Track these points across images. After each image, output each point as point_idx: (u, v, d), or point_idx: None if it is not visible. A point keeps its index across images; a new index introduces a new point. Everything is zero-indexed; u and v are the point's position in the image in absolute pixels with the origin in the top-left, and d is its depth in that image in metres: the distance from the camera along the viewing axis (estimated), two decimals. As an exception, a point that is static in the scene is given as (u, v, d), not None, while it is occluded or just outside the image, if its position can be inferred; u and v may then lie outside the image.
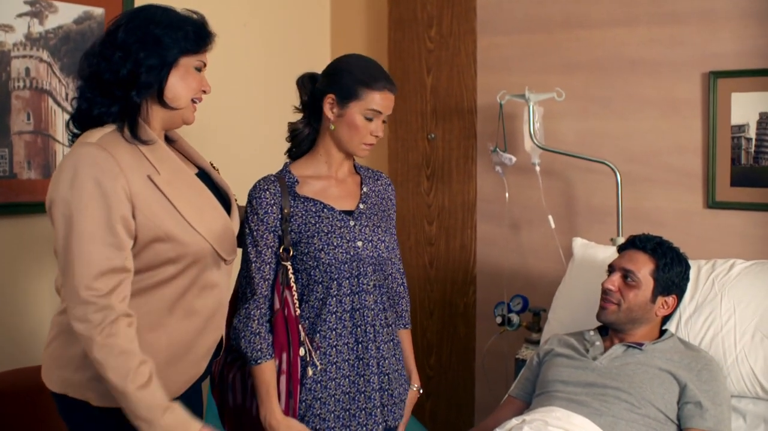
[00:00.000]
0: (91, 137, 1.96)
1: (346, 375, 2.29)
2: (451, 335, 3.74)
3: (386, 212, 2.46)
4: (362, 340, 2.31)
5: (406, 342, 2.55)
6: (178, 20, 2.06)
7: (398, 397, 2.37)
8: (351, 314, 2.30)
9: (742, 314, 2.61)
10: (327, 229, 2.30)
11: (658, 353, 2.47)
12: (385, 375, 2.33)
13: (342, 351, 2.29)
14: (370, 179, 2.47)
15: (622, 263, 2.55)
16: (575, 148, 3.34)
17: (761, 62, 2.99)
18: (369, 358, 2.30)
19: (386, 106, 2.31)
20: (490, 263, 3.65)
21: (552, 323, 3.01)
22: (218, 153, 3.57)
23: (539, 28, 3.49)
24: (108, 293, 1.88)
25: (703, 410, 2.33)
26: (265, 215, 2.29)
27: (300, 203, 2.32)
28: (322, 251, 2.28)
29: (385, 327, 2.36)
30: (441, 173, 3.75)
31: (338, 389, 2.28)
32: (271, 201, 2.30)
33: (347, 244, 2.30)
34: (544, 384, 2.55)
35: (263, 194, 2.31)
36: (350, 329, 2.30)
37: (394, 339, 2.40)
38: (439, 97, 3.74)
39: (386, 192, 2.50)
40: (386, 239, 2.38)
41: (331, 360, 2.28)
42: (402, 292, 2.53)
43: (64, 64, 2.99)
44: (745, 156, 3.03)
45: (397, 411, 2.37)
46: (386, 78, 2.33)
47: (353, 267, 2.30)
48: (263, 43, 3.81)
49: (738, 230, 3.07)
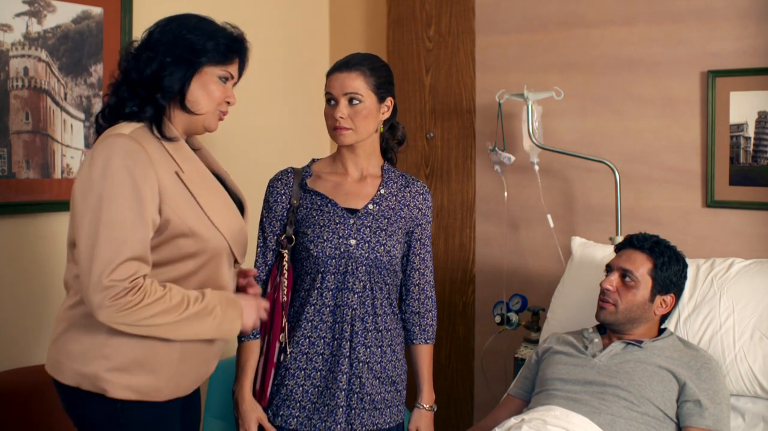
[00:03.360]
0: (123, 128, 2.00)
1: (318, 368, 2.34)
2: (450, 334, 3.74)
3: (403, 218, 2.45)
4: (339, 338, 2.34)
5: (425, 357, 2.54)
6: (212, 30, 2.11)
7: (372, 404, 2.36)
8: (332, 310, 2.35)
9: (741, 313, 2.61)
10: (323, 223, 2.36)
11: (657, 351, 2.47)
12: (357, 377, 2.34)
13: (317, 344, 2.35)
14: (395, 184, 2.47)
15: (619, 263, 2.55)
16: (574, 147, 3.34)
17: (760, 61, 2.99)
18: (341, 356, 2.33)
19: (335, 86, 2.36)
20: (489, 262, 3.65)
21: (551, 322, 3.01)
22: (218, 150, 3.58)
23: (538, 28, 3.49)
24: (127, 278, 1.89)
25: (702, 408, 2.33)
26: (275, 203, 2.43)
27: (308, 196, 2.41)
28: (312, 243, 2.35)
29: (370, 332, 2.36)
30: (440, 172, 3.75)
31: (307, 380, 2.34)
32: (282, 191, 2.43)
33: (338, 240, 2.33)
34: (543, 383, 2.55)
35: (276, 184, 2.45)
36: (330, 324, 2.35)
37: (383, 346, 2.39)
38: (438, 96, 3.74)
39: (414, 200, 2.49)
40: (388, 243, 2.38)
41: (303, 350, 2.35)
42: (429, 305, 2.52)
43: (62, 64, 2.99)
44: (743, 155, 3.03)
45: (368, 417, 2.35)
46: (345, 61, 2.38)
47: (341, 264, 2.34)
48: (262, 42, 3.79)
49: (737, 229, 3.07)
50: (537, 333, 3.21)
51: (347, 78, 2.35)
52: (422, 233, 2.49)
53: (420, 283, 2.50)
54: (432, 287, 2.54)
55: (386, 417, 2.40)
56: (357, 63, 2.37)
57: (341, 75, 2.36)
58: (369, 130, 2.40)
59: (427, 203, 2.51)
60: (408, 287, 2.50)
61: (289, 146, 3.87)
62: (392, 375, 2.41)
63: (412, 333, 2.51)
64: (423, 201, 2.50)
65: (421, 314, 2.51)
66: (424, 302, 2.51)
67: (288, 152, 3.77)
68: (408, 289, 2.50)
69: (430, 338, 2.54)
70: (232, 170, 3.61)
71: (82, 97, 3.05)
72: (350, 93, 2.34)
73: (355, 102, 2.35)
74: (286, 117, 3.92)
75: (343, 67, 2.37)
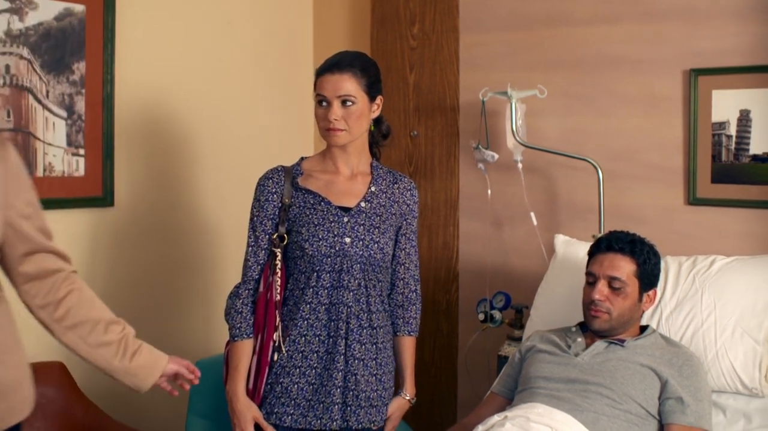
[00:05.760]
0: None
1: (313, 366, 2.35)
2: (434, 332, 3.74)
3: (394, 215, 2.47)
4: (334, 335, 2.35)
5: (408, 348, 2.57)
6: None
7: (368, 401, 2.37)
8: (327, 308, 2.35)
9: (723, 310, 2.62)
10: (317, 221, 2.36)
11: (639, 349, 2.48)
12: (352, 374, 2.35)
13: (312, 342, 2.35)
14: (384, 181, 2.50)
15: (604, 272, 2.53)
16: (557, 145, 3.35)
17: (741, 60, 3.01)
18: (336, 354, 2.34)
19: (328, 89, 2.35)
20: (473, 260, 3.66)
21: (534, 319, 3.02)
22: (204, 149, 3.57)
23: (522, 26, 3.50)
24: None
25: (684, 405, 2.34)
26: (266, 202, 2.42)
27: (300, 195, 2.41)
28: (307, 242, 2.35)
29: (365, 329, 2.38)
30: (424, 170, 3.75)
31: (302, 378, 2.34)
32: (273, 190, 2.42)
33: (333, 238, 2.34)
34: (526, 380, 2.55)
35: (267, 183, 2.44)
36: (325, 322, 2.36)
37: (378, 343, 2.41)
38: (422, 94, 3.74)
39: (402, 196, 2.51)
40: (382, 240, 2.41)
41: (299, 349, 2.35)
42: (413, 299, 2.56)
43: (44, 61, 2.97)
44: (725, 153, 3.05)
45: (364, 414, 2.36)
46: (335, 62, 2.37)
47: (336, 262, 2.35)
48: (247, 41, 3.80)
49: (719, 226, 3.09)
50: (520, 331, 3.22)
51: (340, 80, 2.34)
52: (408, 229, 2.52)
53: (405, 277, 2.53)
54: (417, 281, 2.56)
55: (382, 415, 2.43)
56: (348, 64, 2.37)
57: (333, 77, 2.35)
58: (362, 129, 2.42)
59: (414, 199, 2.54)
60: (393, 281, 2.52)
61: (274, 144, 3.86)
62: (385, 371, 2.44)
63: (396, 326, 2.54)
64: (410, 197, 2.53)
65: (404, 307, 2.53)
66: (408, 295, 2.54)
67: (273, 150, 3.77)
68: (393, 283, 2.52)
69: (414, 330, 2.56)
70: (217, 169, 3.61)
71: (64, 95, 3.03)
72: (343, 95, 2.34)
73: (348, 104, 2.35)
74: (271, 116, 3.91)
75: (335, 68, 2.36)
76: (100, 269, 3.22)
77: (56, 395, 2.83)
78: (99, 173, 3.17)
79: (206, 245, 3.62)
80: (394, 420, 2.52)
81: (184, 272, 3.54)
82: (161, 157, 3.43)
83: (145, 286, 3.39)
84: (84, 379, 3.09)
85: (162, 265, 3.45)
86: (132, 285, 3.34)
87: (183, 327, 3.54)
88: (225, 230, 3.62)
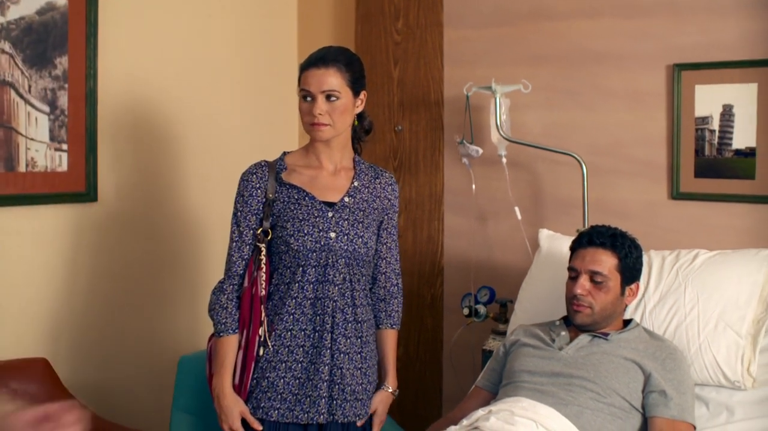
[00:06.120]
0: None
1: (299, 360, 2.35)
2: (419, 326, 3.75)
3: (376, 210, 2.48)
4: (320, 329, 2.36)
5: (390, 341, 2.58)
6: None
7: (353, 394, 2.38)
8: (313, 303, 2.36)
9: (706, 303, 2.64)
10: (302, 216, 2.37)
11: (623, 342, 2.49)
12: (338, 368, 2.36)
13: (297, 336, 2.36)
14: (366, 176, 2.50)
15: (586, 266, 2.54)
16: (541, 140, 3.36)
17: (724, 55, 3.02)
18: (322, 348, 2.35)
19: (313, 84, 2.34)
20: (457, 254, 3.66)
21: (518, 314, 3.03)
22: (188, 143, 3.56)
23: (506, 21, 3.50)
24: None
25: (667, 398, 2.36)
26: (250, 197, 2.40)
27: (285, 190, 2.40)
28: (292, 237, 2.35)
29: (350, 323, 2.39)
30: (408, 164, 3.75)
31: (288, 372, 2.35)
32: (257, 185, 2.41)
33: (318, 233, 2.35)
34: (511, 374, 2.56)
35: (250, 178, 2.42)
36: (310, 316, 2.36)
37: (362, 337, 2.42)
38: (406, 89, 3.74)
39: (384, 191, 2.52)
40: (365, 234, 2.42)
41: (285, 343, 2.36)
42: (395, 292, 2.57)
43: (26, 56, 2.95)
44: (708, 148, 3.06)
45: (349, 408, 2.37)
46: (320, 57, 2.36)
47: (322, 257, 2.36)
48: (229, 35, 3.79)
49: (702, 220, 3.10)
50: (505, 325, 3.23)
51: (324, 75, 2.34)
52: (389, 223, 2.54)
53: (386, 271, 2.54)
54: (398, 274, 2.58)
55: (367, 408, 2.44)
56: (333, 59, 2.36)
57: (318, 71, 2.34)
58: (346, 124, 2.42)
59: (395, 194, 2.55)
60: (375, 275, 2.54)
61: (258, 139, 3.86)
62: (370, 365, 2.45)
63: (379, 319, 2.55)
64: (392, 192, 2.54)
65: (387, 300, 2.55)
66: (390, 289, 2.55)
67: (257, 144, 3.76)
68: (375, 277, 2.54)
69: (396, 323, 2.58)
70: (201, 163, 3.60)
71: (46, 89, 3.02)
72: (328, 90, 2.34)
73: (332, 99, 2.34)
74: (255, 110, 3.90)
75: (320, 63, 2.35)
76: (84, 266, 3.21)
77: (39, 391, 2.81)
78: (82, 168, 3.15)
79: (191, 241, 3.61)
80: (381, 414, 2.52)
81: (169, 267, 3.53)
82: (145, 152, 3.42)
83: (129, 282, 3.37)
84: (68, 375, 3.08)
85: (146, 261, 3.44)
86: (116, 281, 3.32)
87: (168, 323, 3.53)
88: (210, 225, 3.61)
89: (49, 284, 3.11)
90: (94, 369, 3.25)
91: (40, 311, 3.08)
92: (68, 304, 3.16)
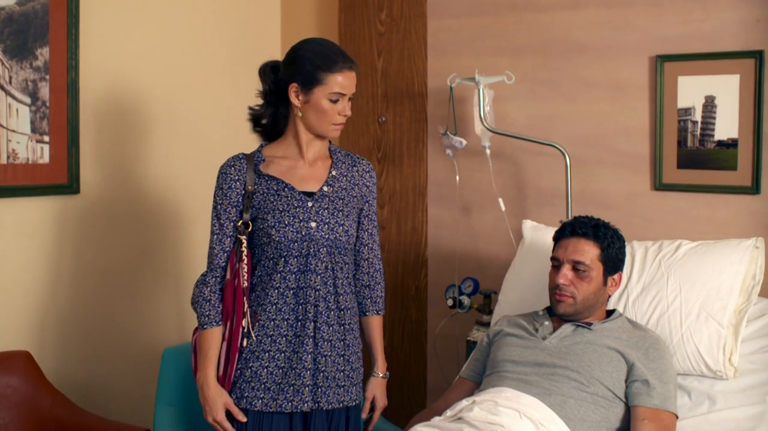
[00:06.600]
0: None
1: (282, 349, 2.37)
2: (403, 318, 3.75)
3: (355, 198, 2.50)
4: (302, 318, 2.37)
5: (377, 327, 2.60)
6: None
7: (335, 381, 2.40)
8: (295, 292, 2.38)
9: (688, 294, 2.65)
10: (282, 207, 2.38)
11: (606, 332, 2.50)
12: (322, 356, 2.38)
13: (280, 326, 2.37)
14: (343, 164, 2.53)
15: (568, 256, 2.55)
16: (525, 131, 3.36)
17: (706, 46, 3.03)
18: (305, 337, 2.36)
19: (348, 86, 2.39)
20: (441, 246, 3.67)
21: (502, 305, 3.04)
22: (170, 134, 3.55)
23: (489, 12, 3.50)
24: None
25: (650, 388, 2.37)
26: (229, 190, 2.42)
27: (264, 181, 2.42)
28: (273, 228, 2.37)
29: (332, 311, 2.41)
30: (392, 156, 3.75)
31: (272, 362, 2.36)
32: (236, 177, 2.42)
33: (299, 224, 2.37)
34: (494, 364, 2.57)
35: (229, 170, 2.44)
36: (293, 306, 2.38)
37: (345, 324, 2.43)
38: (390, 80, 3.74)
39: (362, 179, 2.55)
40: (346, 223, 2.44)
41: (268, 333, 2.37)
42: (378, 278, 2.59)
43: (7, 47, 2.93)
44: (691, 139, 3.07)
45: (333, 395, 2.39)
46: (344, 58, 2.39)
47: (303, 247, 2.38)
48: (212, 26, 3.77)
49: (684, 211, 3.12)
50: (489, 316, 3.24)
51: (354, 78, 2.41)
52: (370, 210, 2.56)
53: (369, 257, 2.56)
54: (380, 260, 2.60)
55: (352, 395, 2.45)
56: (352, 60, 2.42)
57: (351, 74, 2.39)
58: None
59: (372, 181, 2.58)
60: (357, 261, 2.55)
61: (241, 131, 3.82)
62: (353, 352, 2.46)
63: (364, 306, 2.57)
64: (369, 179, 2.57)
65: (371, 287, 2.57)
66: (374, 275, 2.57)
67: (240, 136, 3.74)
68: (358, 264, 2.55)
69: (381, 309, 2.60)
70: (184, 154, 3.59)
71: (27, 80, 3.00)
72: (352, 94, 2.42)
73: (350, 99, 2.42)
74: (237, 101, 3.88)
75: (353, 66, 2.40)
76: (66, 258, 3.20)
77: (21, 384, 2.81)
78: (64, 160, 3.14)
79: (174, 233, 3.60)
80: (381, 399, 2.57)
81: (152, 259, 3.52)
82: (127, 143, 3.40)
83: (112, 274, 3.36)
84: (50, 368, 3.07)
85: (129, 253, 3.43)
86: (99, 274, 3.31)
87: (152, 315, 3.52)
88: (193, 216, 3.60)
89: (32, 277, 3.10)
90: (78, 362, 3.24)
91: (22, 304, 3.07)
92: (51, 297, 3.15)
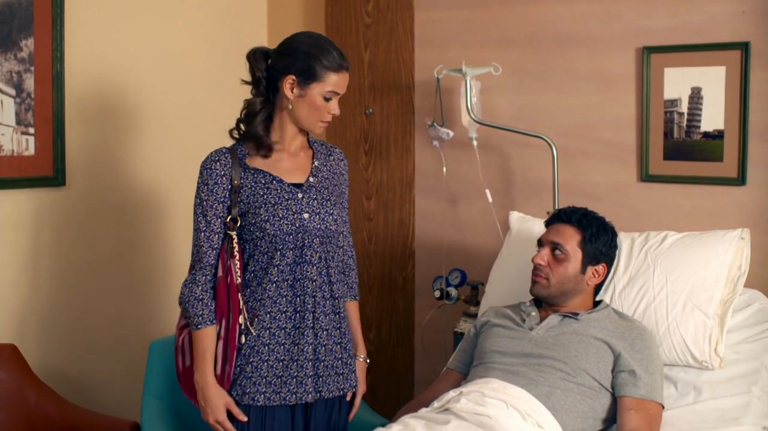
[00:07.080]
0: None
1: (281, 342, 2.35)
2: (390, 309, 3.75)
3: (337, 187, 2.51)
4: (300, 310, 2.36)
5: (354, 313, 2.61)
6: None
7: (334, 369, 2.40)
8: (292, 285, 2.36)
9: (674, 285, 2.66)
10: (274, 200, 2.36)
11: (593, 322, 2.51)
12: (321, 346, 2.38)
13: (279, 319, 2.36)
14: (322, 154, 2.53)
15: (549, 237, 2.59)
16: (512, 122, 3.36)
17: (693, 38, 3.04)
18: (305, 328, 2.36)
19: (343, 87, 2.40)
20: (429, 237, 3.67)
21: (489, 296, 3.04)
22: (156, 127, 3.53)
23: (476, 3, 3.49)
24: None
25: (636, 378, 2.38)
26: (215, 185, 2.37)
27: (250, 175, 2.39)
28: (268, 222, 2.35)
29: (328, 300, 2.41)
30: (379, 148, 3.75)
31: (272, 355, 2.34)
32: (221, 172, 2.38)
33: (293, 216, 2.36)
34: (482, 355, 2.57)
35: (214, 166, 2.39)
36: (290, 298, 2.36)
37: (340, 312, 2.45)
38: (377, 72, 3.73)
39: (338, 167, 2.56)
40: (335, 212, 2.44)
41: (266, 326, 2.35)
42: (352, 264, 2.61)
43: (-9, 38, 2.91)
44: (677, 130, 3.08)
45: (333, 383, 2.40)
46: (343, 58, 2.39)
47: (298, 239, 2.37)
48: (198, 16, 3.75)
49: (670, 202, 3.13)
50: (476, 307, 3.24)
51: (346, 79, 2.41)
52: (342, 197, 2.56)
53: (344, 244, 2.57)
54: (352, 247, 2.63)
55: (351, 382, 2.46)
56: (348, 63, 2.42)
57: (345, 75, 2.39)
58: None
59: (346, 168, 2.60)
60: None
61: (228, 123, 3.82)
62: (348, 339, 2.47)
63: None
64: (344, 167, 2.59)
65: (346, 273, 2.59)
66: (347, 261, 2.59)
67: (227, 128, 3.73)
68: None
69: (356, 294, 2.63)
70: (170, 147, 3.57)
71: (12, 72, 2.98)
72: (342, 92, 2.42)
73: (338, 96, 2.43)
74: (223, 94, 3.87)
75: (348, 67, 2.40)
76: (52, 250, 3.18)
77: (8, 377, 2.80)
78: (50, 152, 3.12)
79: (161, 225, 3.59)
80: (362, 383, 2.56)
81: (138, 252, 3.51)
82: (113, 135, 3.39)
83: (97, 267, 3.35)
84: (36, 361, 3.06)
85: (115, 246, 3.42)
86: (84, 266, 3.30)
87: (138, 308, 3.51)
88: (179, 209, 3.58)
89: (18, 270, 3.09)
90: (64, 355, 3.23)
91: (8, 297, 3.06)
92: (36, 289, 3.14)
